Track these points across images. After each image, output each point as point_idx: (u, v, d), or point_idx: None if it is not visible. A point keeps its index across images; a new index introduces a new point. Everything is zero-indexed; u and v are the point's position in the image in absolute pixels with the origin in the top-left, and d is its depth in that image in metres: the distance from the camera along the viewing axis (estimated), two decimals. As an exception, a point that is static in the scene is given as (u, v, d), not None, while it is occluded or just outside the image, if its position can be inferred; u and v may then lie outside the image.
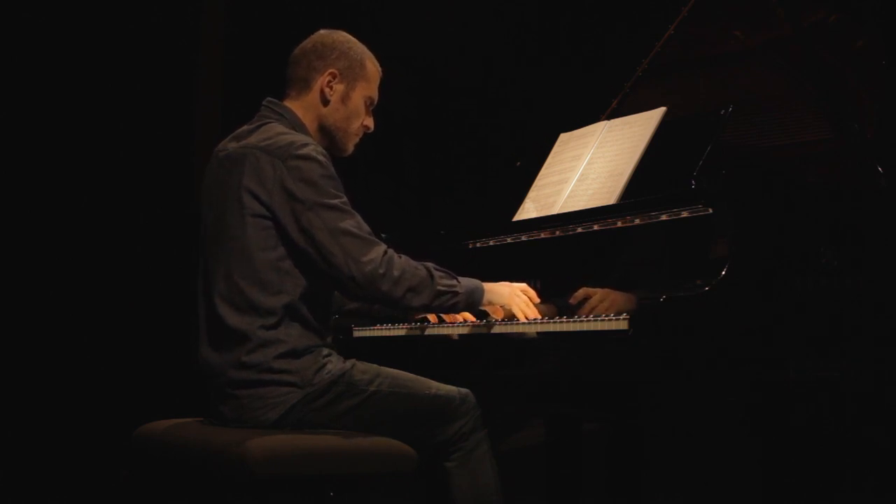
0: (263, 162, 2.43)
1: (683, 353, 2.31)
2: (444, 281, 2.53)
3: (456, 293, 2.54)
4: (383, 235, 2.68)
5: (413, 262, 2.50)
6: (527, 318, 2.58)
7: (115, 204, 4.37)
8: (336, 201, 2.43)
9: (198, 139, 4.52)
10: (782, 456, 2.56)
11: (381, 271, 2.41)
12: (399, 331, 2.97)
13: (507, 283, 2.68)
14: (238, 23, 4.66)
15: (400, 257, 2.47)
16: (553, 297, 2.75)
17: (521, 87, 4.81)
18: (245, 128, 2.58)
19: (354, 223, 2.43)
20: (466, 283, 2.59)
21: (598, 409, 2.72)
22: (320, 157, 2.44)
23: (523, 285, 2.69)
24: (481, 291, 2.61)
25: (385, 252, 2.44)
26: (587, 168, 2.89)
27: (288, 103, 2.61)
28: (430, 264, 2.54)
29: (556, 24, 4.71)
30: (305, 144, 2.45)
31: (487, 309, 2.69)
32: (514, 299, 2.63)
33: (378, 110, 2.71)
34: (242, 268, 2.42)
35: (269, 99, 2.62)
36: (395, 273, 2.43)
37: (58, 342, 4.21)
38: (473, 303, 2.60)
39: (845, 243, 2.58)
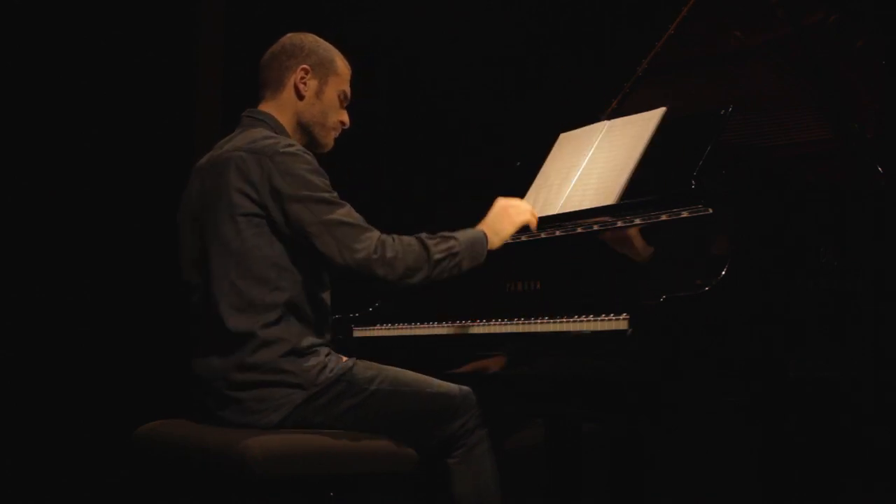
0: (250, 162, 2.44)
1: (683, 353, 2.31)
2: (439, 247, 2.52)
3: (455, 254, 2.54)
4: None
5: (406, 239, 2.50)
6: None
7: (115, 205, 4.37)
8: (325, 194, 2.44)
9: (198, 141, 4.51)
10: (782, 456, 2.56)
11: (375, 256, 2.42)
12: (398, 330, 2.97)
13: (503, 206, 2.72)
14: (237, 23, 4.66)
15: (393, 238, 2.47)
16: (553, 297, 2.75)
17: (520, 86, 4.81)
18: (225, 138, 2.60)
19: (345, 212, 2.45)
20: (465, 237, 2.58)
21: (598, 409, 2.72)
22: (305, 154, 2.48)
23: (517, 203, 2.73)
24: (482, 241, 2.62)
25: (379, 237, 2.45)
26: (587, 168, 2.89)
27: (264, 106, 2.63)
28: (422, 235, 2.53)
29: (555, 23, 4.71)
30: (290, 144, 2.49)
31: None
32: (522, 219, 2.71)
33: (379, 111, 2.71)
34: (239, 267, 2.42)
35: (249, 109, 2.64)
36: (389, 254, 2.43)
37: (58, 342, 4.21)
38: (477, 256, 2.59)
39: (845, 243, 2.58)
